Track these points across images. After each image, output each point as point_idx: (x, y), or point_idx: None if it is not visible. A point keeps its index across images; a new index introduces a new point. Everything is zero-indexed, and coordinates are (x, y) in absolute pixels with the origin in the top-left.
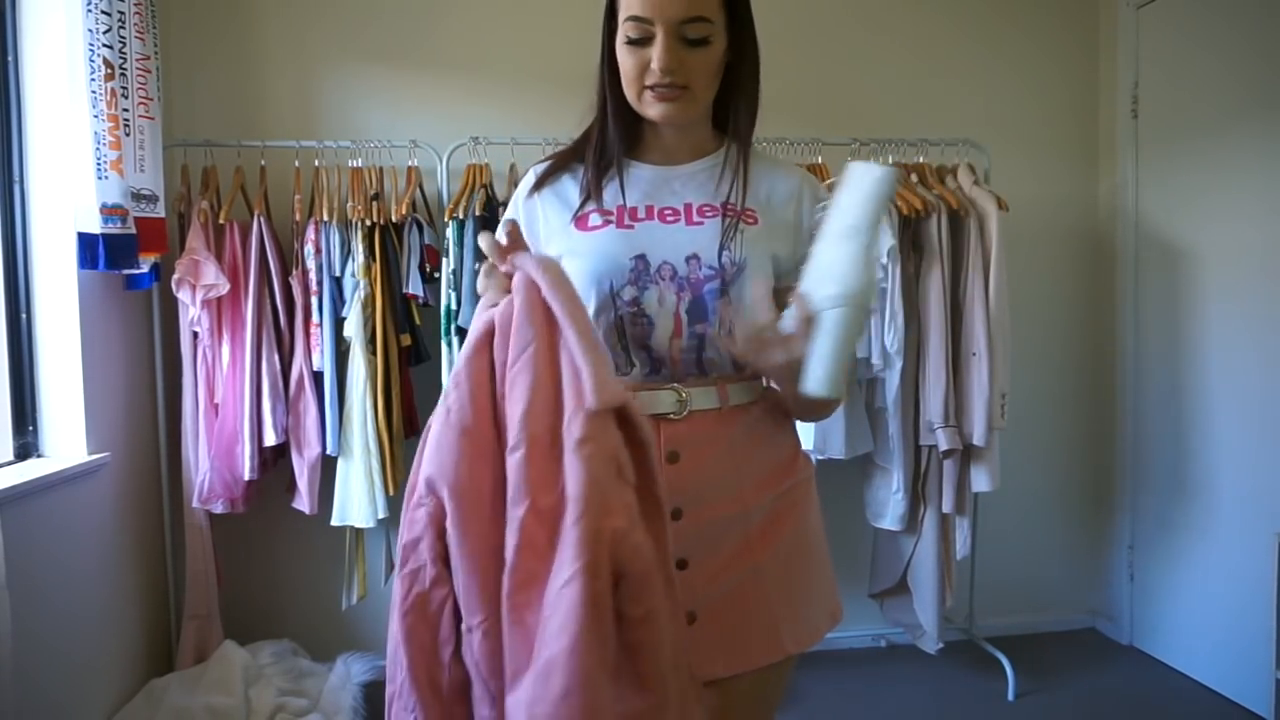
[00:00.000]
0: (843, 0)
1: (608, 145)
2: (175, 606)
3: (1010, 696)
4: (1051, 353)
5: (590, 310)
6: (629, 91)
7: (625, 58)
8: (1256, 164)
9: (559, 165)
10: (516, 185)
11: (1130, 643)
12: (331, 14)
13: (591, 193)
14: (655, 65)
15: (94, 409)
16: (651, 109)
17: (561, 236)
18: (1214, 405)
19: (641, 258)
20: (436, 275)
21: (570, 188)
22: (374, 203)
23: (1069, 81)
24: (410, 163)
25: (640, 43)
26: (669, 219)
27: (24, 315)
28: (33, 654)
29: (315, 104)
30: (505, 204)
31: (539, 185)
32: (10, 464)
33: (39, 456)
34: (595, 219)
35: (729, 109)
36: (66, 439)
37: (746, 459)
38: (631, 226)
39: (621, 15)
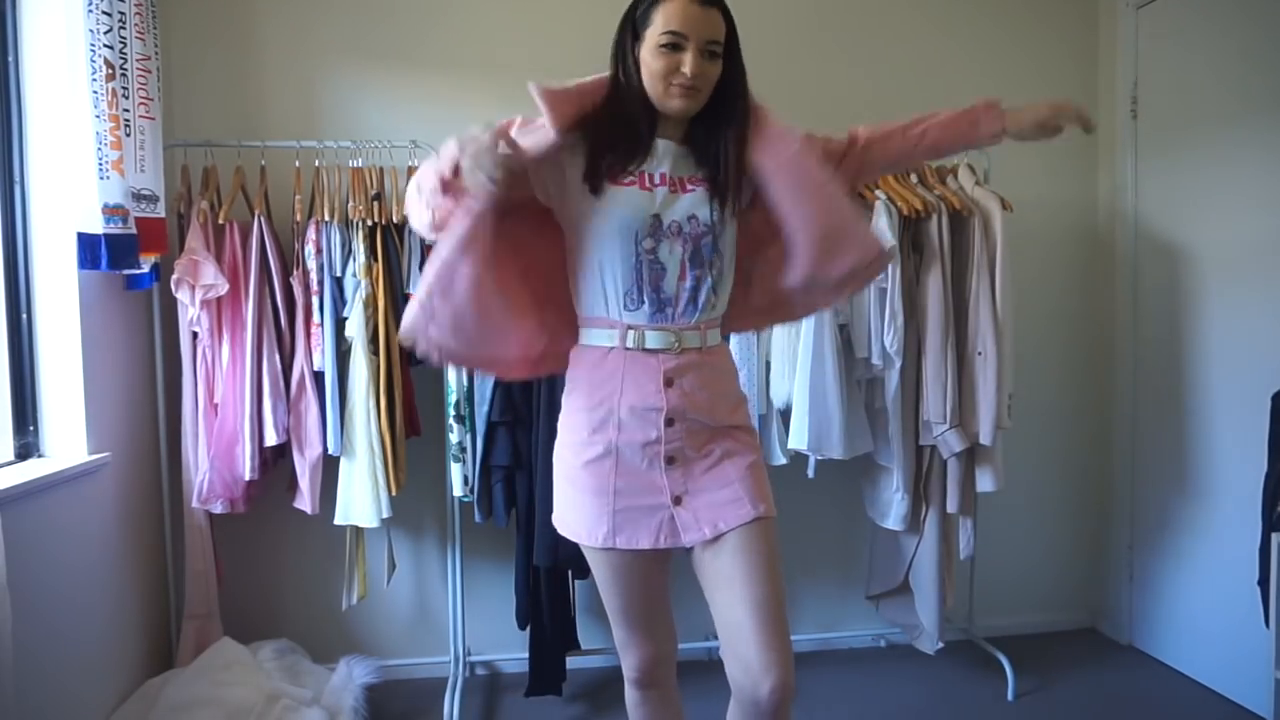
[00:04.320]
0: (842, 0)
1: (637, 120)
2: (175, 606)
3: (1010, 696)
4: (1051, 353)
5: (618, 250)
6: (655, 86)
7: (657, 60)
8: (1256, 164)
9: (586, 118)
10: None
11: (1130, 643)
12: (331, 14)
13: (624, 153)
14: (687, 70)
15: (94, 409)
16: (675, 102)
17: (597, 182)
18: (1214, 405)
19: (657, 217)
20: None
21: (597, 139)
22: (375, 203)
23: (1069, 82)
24: (410, 163)
25: (673, 50)
26: (674, 188)
27: (24, 315)
28: (33, 654)
29: (315, 104)
30: None
31: (579, 126)
32: (10, 464)
33: (39, 456)
34: (627, 176)
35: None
36: (67, 439)
37: (715, 388)
38: (651, 190)
39: (658, 28)
